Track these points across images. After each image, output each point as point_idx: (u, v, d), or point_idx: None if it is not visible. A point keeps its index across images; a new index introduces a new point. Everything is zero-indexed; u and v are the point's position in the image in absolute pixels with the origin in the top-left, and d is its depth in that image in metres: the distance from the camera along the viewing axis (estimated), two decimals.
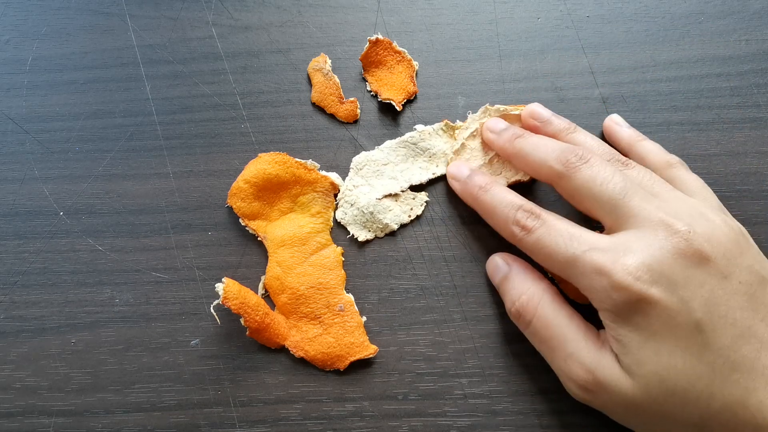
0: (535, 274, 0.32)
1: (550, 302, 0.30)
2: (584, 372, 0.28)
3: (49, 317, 0.35)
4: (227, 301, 0.32)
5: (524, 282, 0.31)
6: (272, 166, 0.35)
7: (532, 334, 0.31)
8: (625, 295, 0.26)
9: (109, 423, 0.33)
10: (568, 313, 0.30)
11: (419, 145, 0.36)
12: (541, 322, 0.30)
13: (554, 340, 0.29)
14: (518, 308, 0.31)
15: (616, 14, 0.38)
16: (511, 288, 0.32)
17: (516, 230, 0.30)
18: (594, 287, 0.27)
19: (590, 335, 0.29)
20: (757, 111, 0.36)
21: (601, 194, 0.28)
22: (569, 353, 0.29)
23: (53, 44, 0.40)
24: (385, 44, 0.37)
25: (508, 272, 0.32)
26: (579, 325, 0.29)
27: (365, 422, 0.33)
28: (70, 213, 0.37)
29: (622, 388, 0.27)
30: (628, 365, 0.27)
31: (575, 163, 0.29)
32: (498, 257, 0.33)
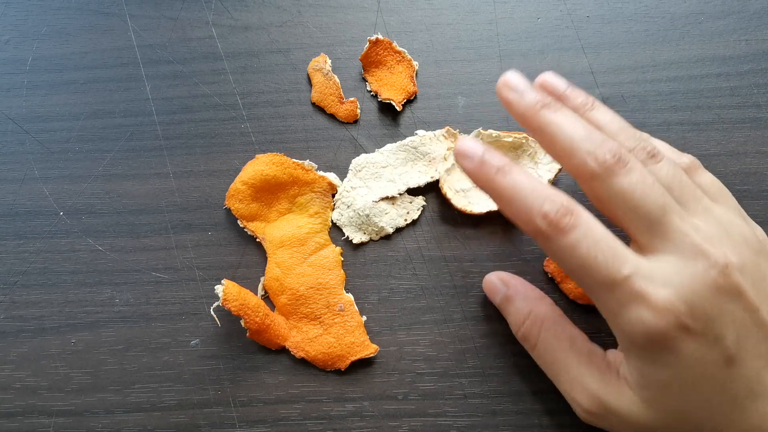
0: (535, 293, 0.31)
1: (552, 325, 0.29)
2: (588, 397, 0.27)
3: (49, 317, 0.35)
4: (227, 303, 0.32)
5: (526, 304, 0.30)
6: (269, 167, 0.35)
7: (537, 357, 0.30)
8: (662, 331, 0.24)
9: (109, 423, 0.33)
10: (571, 335, 0.29)
11: (419, 149, 0.36)
12: (545, 346, 0.29)
13: (557, 364, 0.29)
14: (524, 333, 0.30)
15: (616, 14, 0.38)
16: (513, 310, 0.31)
17: (543, 225, 0.25)
18: (628, 318, 0.25)
19: (594, 359, 0.28)
20: (757, 111, 0.36)
21: (638, 209, 0.25)
22: (572, 378, 0.28)
23: (53, 44, 0.40)
24: (385, 44, 0.37)
25: (507, 293, 0.31)
26: (582, 349, 0.29)
27: (365, 422, 0.33)
28: (70, 213, 0.37)
29: (632, 415, 0.26)
30: (645, 398, 0.26)
31: (612, 165, 0.26)
32: (494, 277, 0.32)
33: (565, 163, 0.27)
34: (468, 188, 0.35)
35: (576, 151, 0.26)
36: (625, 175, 0.26)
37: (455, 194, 0.35)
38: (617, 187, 0.26)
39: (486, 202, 0.35)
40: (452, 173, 0.35)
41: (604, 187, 0.26)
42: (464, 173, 0.28)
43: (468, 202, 0.35)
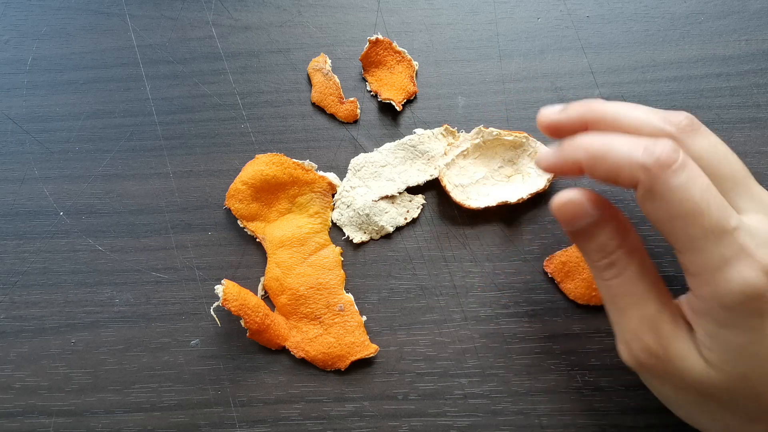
0: (627, 223, 0.28)
1: (642, 259, 0.27)
2: (657, 340, 0.25)
3: (49, 317, 0.35)
4: (227, 303, 0.32)
5: (619, 233, 0.27)
6: (269, 167, 0.35)
7: (614, 287, 0.27)
8: (759, 294, 0.23)
9: (109, 423, 0.33)
10: (655, 275, 0.27)
11: (418, 148, 0.36)
12: (631, 276, 0.26)
13: (635, 297, 0.26)
14: (612, 260, 0.26)
15: (616, 14, 0.38)
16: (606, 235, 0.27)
17: (649, 161, 0.23)
18: (729, 274, 0.23)
19: (671, 306, 0.26)
20: (757, 111, 0.36)
21: (722, 167, 0.25)
22: (648, 314, 0.26)
23: (53, 44, 0.40)
24: (385, 44, 0.37)
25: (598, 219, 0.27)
26: (662, 290, 0.26)
27: (365, 422, 0.33)
28: (70, 213, 0.37)
29: (694, 370, 0.25)
30: (712, 359, 0.25)
31: (687, 127, 0.25)
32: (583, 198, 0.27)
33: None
34: (467, 183, 0.35)
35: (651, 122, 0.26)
36: (704, 137, 0.26)
37: (454, 188, 0.35)
38: (699, 145, 0.25)
39: (484, 198, 0.35)
40: (452, 168, 0.35)
41: (685, 148, 0.25)
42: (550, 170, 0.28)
43: (467, 197, 0.35)
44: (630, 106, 0.27)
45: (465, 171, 0.36)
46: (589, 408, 0.32)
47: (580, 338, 0.33)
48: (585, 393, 0.33)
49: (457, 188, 0.35)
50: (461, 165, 0.36)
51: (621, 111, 0.27)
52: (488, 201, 0.35)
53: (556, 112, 0.28)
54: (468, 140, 0.36)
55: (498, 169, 0.36)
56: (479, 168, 0.36)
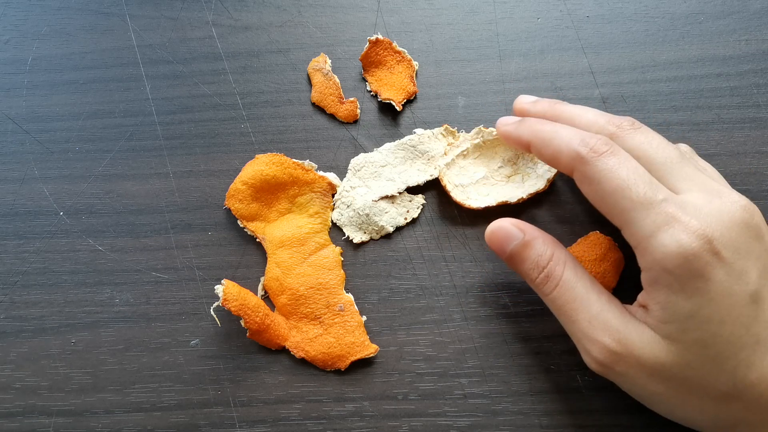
0: (552, 238, 0.31)
1: (574, 266, 0.29)
2: (610, 335, 0.27)
3: (49, 317, 0.35)
4: (227, 303, 0.32)
5: (548, 246, 0.30)
6: (269, 167, 0.35)
7: (556, 298, 0.29)
8: (695, 255, 0.25)
9: (109, 423, 0.33)
10: (591, 279, 0.29)
11: (418, 148, 0.36)
12: (567, 285, 0.29)
13: (578, 301, 0.28)
14: (547, 272, 0.29)
15: (616, 14, 0.38)
16: (534, 254, 0.30)
17: (583, 150, 0.28)
18: (662, 239, 0.25)
19: (613, 300, 0.28)
20: (757, 111, 0.36)
21: (656, 155, 0.28)
22: (594, 314, 0.28)
23: (53, 44, 0.40)
24: (385, 44, 0.37)
25: (525, 238, 0.30)
26: (602, 290, 0.29)
27: (365, 422, 0.33)
28: (70, 213, 0.37)
29: (653, 352, 0.26)
30: (668, 332, 0.26)
31: (627, 126, 0.29)
32: (506, 223, 0.31)
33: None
34: (467, 183, 0.35)
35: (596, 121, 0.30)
36: (641, 133, 0.29)
37: (454, 188, 0.35)
38: (635, 141, 0.29)
39: (484, 198, 0.35)
40: (452, 168, 0.35)
41: (624, 143, 0.29)
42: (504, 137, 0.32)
43: (467, 197, 0.35)
44: (584, 109, 0.31)
45: (465, 171, 0.36)
46: (589, 408, 0.32)
47: None
48: (585, 393, 0.33)
49: (457, 188, 0.35)
50: (461, 165, 0.36)
51: (576, 112, 0.31)
52: (488, 201, 0.35)
53: (529, 102, 0.33)
54: (468, 140, 0.36)
55: (498, 169, 0.36)
56: (479, 168, 0.36)
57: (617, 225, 0.28)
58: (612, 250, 0.33)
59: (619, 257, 0.33)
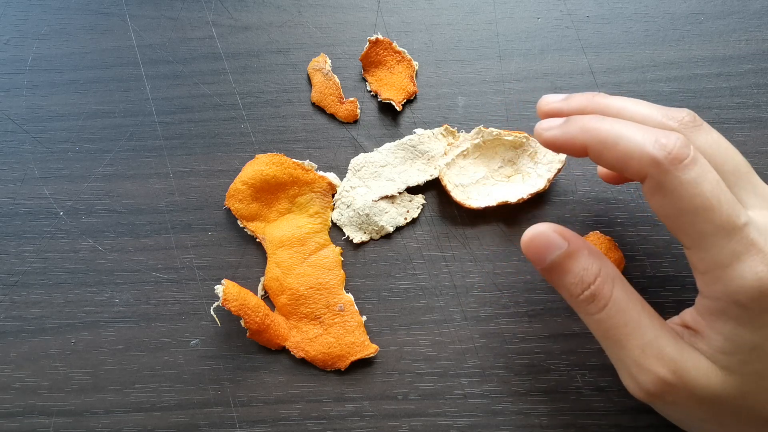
0: (599, 251, 0.27)
1: (623, 285, 0.26)
2: (665, 364, 0.24)
3: (49, 317, 0.35)
4: (227, 303, 0.32)
5: (594, 261, 0.26)
6: (269, 167, 0.35)
7: (603, 320, 0.26)
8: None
9: (109, 423, 0.33)
10: (641, 299, 0.26)
11: (418, 148, 0.36)
12: (618, 306, 0.25)
13: (629, 326, 0.25)
14: (594, 291, 0.26)
15: (616, 14, 0.38)
16: (579, 267, 0.26)
17: (660, 155, 0.23)
18: (741, 270, 0.23)
19: (665, 324, 0.26)
20: (757, 111, 0.36)
21: (726, 163, 0.25)
22: (647, 342, 0.25)
23: (53, 44, 0.40)
24: (385, 44, 0.37)
25: (569, 249, 0.26)
26: (653, 313, 0.26)
27: (365, 422, 0.33)
28: (70, 213, 0.37)
29: (709, 383, 0.24)
30: (728, 363, 0.24)
31: (690, 123, 0.26)
32: (549, 229, 0.27)
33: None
34: (467, 183, 0.35)
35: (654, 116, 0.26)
36: (706, 133, 0.26)
37: (455, 188, 0.35)
38: (702, 141, 0.25)
39: (484, 198, 0.35)
40: (452, 168, 0.35)
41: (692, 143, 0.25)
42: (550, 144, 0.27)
43: (467, 197, 0.35)
44: (632, 101, 0.27)
45: (465, 171, 0.36)
46: (589, 408, 0.32)
47: (580, 338, 0.33)
48: (585, 393, 0.33)
49: (457, 188, 0.35)
50: (461, 165, 0.36)
51: (624, 106, 0.26)
52: (488, 201, 0.35)
53: (559, 100, 0.28)
54: (468, 140, 0.36)
55: (498, 169, 0.36)
56: (479, 168, 0.36)
57: (686, 244, 0.25)
58: (612, 250, 0.33)
59: (619, 257, 0.33)
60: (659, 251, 0.34)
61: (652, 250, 0.34)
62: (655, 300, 0.33)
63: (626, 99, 0.27)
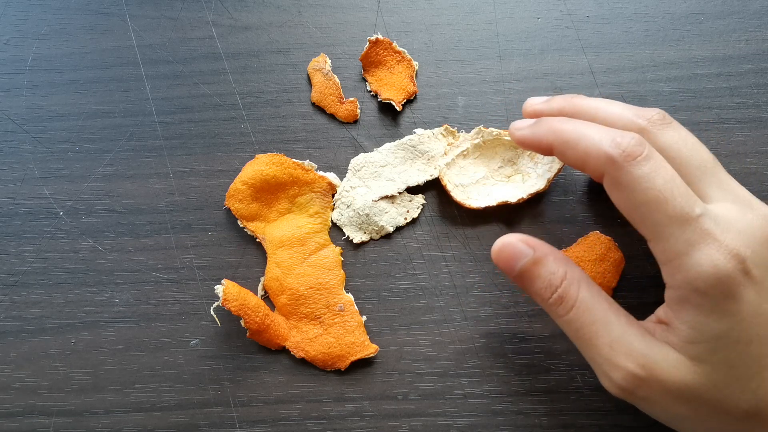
0: (565, 255, 0.28)
1: (589, 285, 0.27)
2: (633, 359, 0.25)
3: (49, 317, 0.35)
4: (227, 303, 0.32)
5: (560, 265, 0.27)
6: (269, 167, 0.35)
7: (572, 320, 0.27)
8: (729, 273, 0.24)
9: (109, 423, 0.33)
10: (607, 298, 0.27)
11: (418, 148, 0.36)
12: (584, 306, 0.26)
13: (597, 324, 0.26)
14: (561, 294, 0.27)
15: (616, 14, 0.38)
16: (546, 272, 0.27)
17: (615, 153, 0.25)
18: (697, 259, 0.24)
19: (633, 321, 0.27)
20: (757, 111, 0.36)
21: (691, 158, 0.26)
22: (614, 338, 0.26)
23: (53, 44, 0.40)
24: (385, 44, 0.37)
25: (536, 255, 0.28)
26: (620, 310, 0.27)
27: (365, 422, 0.33)
28: (70, 213, 0.37)
29: (678, 375, 0.25)
30: (696, 353, 0.25)
31: (659, 121, 0.27)
32: (513, 239, 0.28)
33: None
34: (467, 183, 0.35)
35: (624, 114, 0.27)
36: (674, 130, 0.27)
37: (455, 188, 0.35)
38: (669, 138, 0.26)
39: (484, 198, 0.35)
40: (452, 168, 0.35)
41: (657, 140, 0.27)
42: (520, 142, 0.29)
43: (467, 196, 0.35)
44: (607, 102, 0.29)
45: (465, 171, 0.36)
46: (589, 408, 0.32)
47: None
48: (585, 393, 0.33)
49: (457, 188, 0.35)
50: (461, 165, 0.36)
51: (598, 106, 0.28)
52: (488, 201, 0.35)
53: (541, 102, 0.31)
54: (468, 140, 0.36)
55: (498, 169, 0.36)
56: (479, 168, 0.36)
57: (646, 237, 0.26)
58: (612, 250, 0.33)
59: (619, 257, 0.33)
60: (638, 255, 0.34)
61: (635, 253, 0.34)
62: (655, 300, 0.33)
63: (601, 100, 0.29)
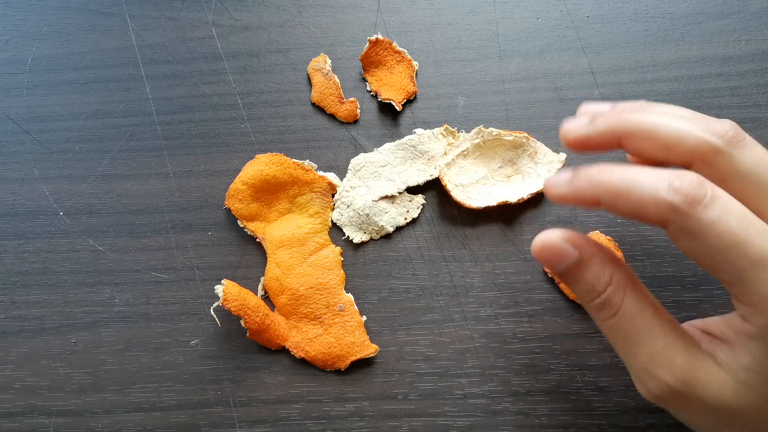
0: (613, 256, 0.26)
1: (635, 290, 0.25)
2: (674, 372, 0.24)
3: (49, 317, 0.35)
4: (227, 303, 0.32)
5: (606, 268, 0.26)
6: (269, 167, 0.35)
7: (615, 326, 0.26)
8: None
9: (109, 423, 0.33)
10: (654, 304, 0.25)
11: (418, 148, 0.36)
12: (628, 313, 0.25)
13: (640, 334, 0.25)
14: (604, 299, 0.25)
15: (616, 14, 0.38)
16: (591, 276, 0.26)
17: (677, 200, 0.22)
18: None
19: (677, 330, 0.25)
20: (757, 111, 0.36)
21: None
22: (657, 349, 0.24)
23: (53, 44, 0.40)
24: (385, 44, 0.37)
25: (581, 257, 0.26)
26: (666, 318, 0.25)
27: (365, 422, 0.33)
28: (70, 213, 0.37)
29: (720, 394, 0.24)
30: (748, 379, 0.23)
31: (734, 139, 0.23)
32: (557, 238, 0.26)
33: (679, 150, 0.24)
34: (467, 183, 0.35)
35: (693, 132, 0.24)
36: (751, 148, 0.24)
37: (455, 187, 0.35)
38: (748, 159, 0.23)
39: (484, 197, 0.35)
40: (452, 167, 0.35)
41: (732, 163, 0.23)
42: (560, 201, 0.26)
43: (467, 196, 0.35)
44: (666, 115, 0.25)
45: (465, 171, 0.36)
46: (589, 408, 0.32)
47: (580, 338, 0.33)
48: (585, 393, 0.33)
49: (457, 188, 0.35)
50: (461, 165, 0.36)
51: (658, 122, 0.24)
52: (488, 201, 0.35)
53: (584, 125, 0.26)
54: (468, 140, 0.36)
55: (498, 169, 0.36)
56: (479, 168, 0.36)
57: (726, 281, 0.23)
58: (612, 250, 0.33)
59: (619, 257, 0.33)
60: (659, 251, 0.34)
61: (652, 250, 0.34)
62: None
63: (659, 113, 0.25)
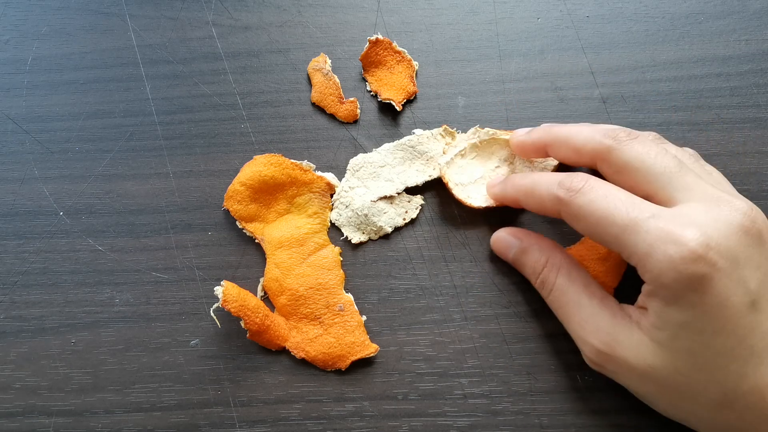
0: (549, 242, 0.33)
1: (568, 270, 0.31)
2: (599, 336, 0.28)
3: (49, 317, 0.35)
4: (227, 304, 0.32)
5: (543, 253, 0.32)
6: (268, 167, 0.35)
7: (552, 301, 0.32)
8: (690, 268, 0.25)
9: (109, 423, 0.33)
10: (585, 280, 0.31)
11: (417, 149, 0.36)
12: (561, 289, 0.31)
13: (570, 304, 0.30)
14: (542, 278, 0.32)
15: (616, 14, 0.38)
16: (531, 261, 0.32)
17: (561, 192, 0.29)
18: (657, 257, 0.25)
19: (607, 302, 0.29)
20: (757, 111, 0.36)
21: (654, 167, 0.28)
22: (584, 317, 0.29)
23: (53, 44, 0.40)
24: (385, 44, 0.37)
25: (522, 245, 0.33)
26: (595, 292, 0.30)
27: (365, 422, 0.33)
28: (70, 213, 0.37)
29: (640, 355, 0.27)
30: (659, 337, 0.26)
31: (624, 137, 0.29)
32: (504, 233, 0.34)
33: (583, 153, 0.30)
34: (467, 183, 0.35)
35: (593, 137, 0.30)
36: (638, 143, 0.29)
37: (455, 186, 0.35)
38: (633, 152, 0.28)
39: (484, 197, 0.35)
40: (452, 166, 0.35)
41: (621, 156, 0.29)
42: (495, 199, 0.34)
43: (467, 195, 0.35)
44: (577, 127, 0.31)
45: (464, 170, 0.36)
46: (589, 408, 0.32)
47: None
48: (585, 393, 0.33)
49: (458, 187, 0.35)
50: (460, 164, 0.36)
51: (570, 132, 0.31)
52: (488, 201, 0.35)
53: (524, 134, 0.34)
54: (465, 140, 0.36)
55: (495, 169, 0.36)
56: (477, 168, 0.36)
57: (615, 251, 0.28)
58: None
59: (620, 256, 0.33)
60: None
61: None
62: None
63: (573, 127, 0.32)
